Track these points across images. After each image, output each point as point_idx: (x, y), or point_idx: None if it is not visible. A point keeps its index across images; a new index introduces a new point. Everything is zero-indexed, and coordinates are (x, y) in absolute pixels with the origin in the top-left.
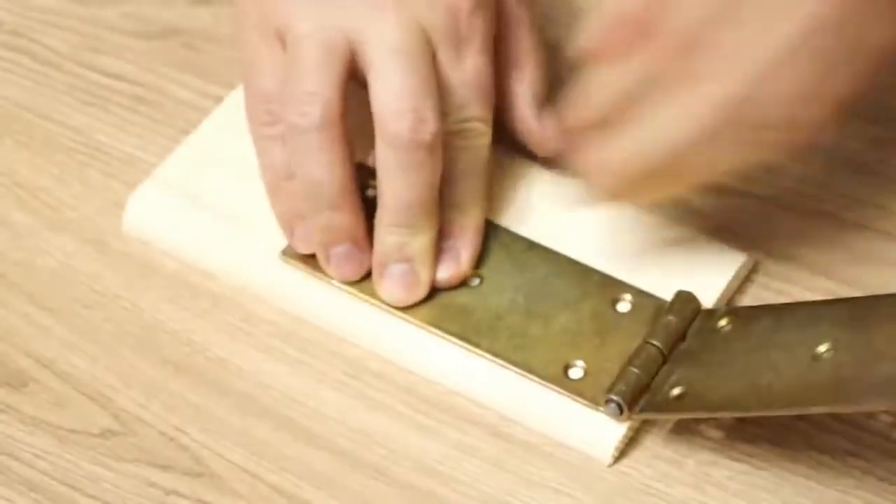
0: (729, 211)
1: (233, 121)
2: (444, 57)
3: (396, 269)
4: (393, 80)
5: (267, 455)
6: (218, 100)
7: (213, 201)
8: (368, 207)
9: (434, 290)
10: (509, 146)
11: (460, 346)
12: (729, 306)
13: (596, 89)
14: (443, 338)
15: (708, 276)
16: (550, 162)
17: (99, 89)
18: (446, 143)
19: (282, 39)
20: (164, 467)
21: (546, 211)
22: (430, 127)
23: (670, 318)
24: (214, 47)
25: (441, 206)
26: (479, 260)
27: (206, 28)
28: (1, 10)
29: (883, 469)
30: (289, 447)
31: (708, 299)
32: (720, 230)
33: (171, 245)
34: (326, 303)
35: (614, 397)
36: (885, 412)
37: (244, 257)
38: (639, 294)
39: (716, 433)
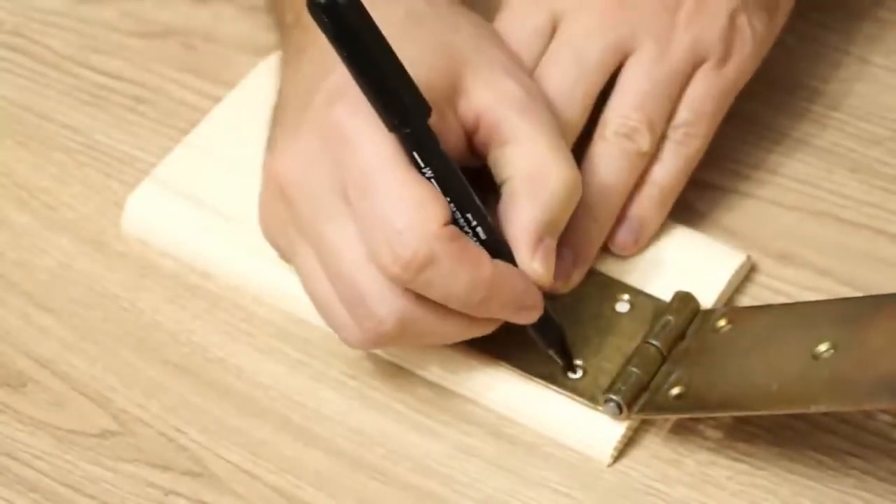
0: (729, 211)
1: (232, 120)
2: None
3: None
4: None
5: (266, 455)
6: (217, 100)
7: (213, 201)
8: None
9: None
10: None
11: (459, 346)
12: (728, 306)
13: None
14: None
15: (707, 276)
16: None
17: (98, 89)
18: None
19: (554, 22)
20: (164, 467)
21: None
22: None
23: (669, 318)
24: (214, 47)
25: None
26: None
27: (206, 28)
28: (1, 10)
29: (883, 469)
30: (288, 447)
31: (707, 299)
32: (720, 230)
33: (171, 245)
34: None
35: (613, 397)
36: (885, 412)
37: (243, 257)
38: (638, 294)
39: (715, 433)
